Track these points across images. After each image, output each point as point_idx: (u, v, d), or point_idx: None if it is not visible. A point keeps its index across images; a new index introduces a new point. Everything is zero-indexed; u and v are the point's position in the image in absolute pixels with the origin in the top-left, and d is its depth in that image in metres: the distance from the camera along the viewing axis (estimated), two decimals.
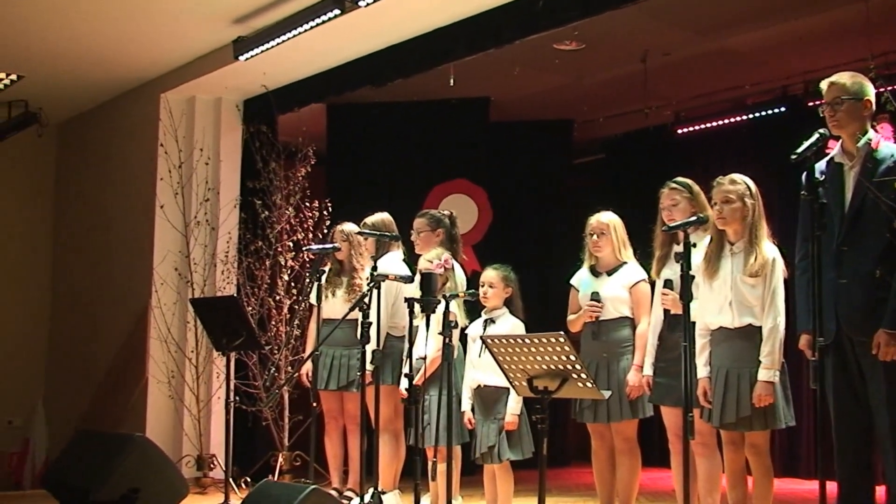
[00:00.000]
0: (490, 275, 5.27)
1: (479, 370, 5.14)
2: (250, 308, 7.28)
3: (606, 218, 5.15)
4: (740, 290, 4.37)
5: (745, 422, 4.34)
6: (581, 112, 8.66)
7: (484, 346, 4.86)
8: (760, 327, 4.33)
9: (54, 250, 9.30)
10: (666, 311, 4.72)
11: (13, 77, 7.83)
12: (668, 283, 4.68)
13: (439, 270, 5.21)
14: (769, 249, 4.39)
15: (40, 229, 9.26)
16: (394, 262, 5.77)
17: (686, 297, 3.85)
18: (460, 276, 5.47)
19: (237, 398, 7.05)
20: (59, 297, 9.20)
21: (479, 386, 5.17)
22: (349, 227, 6.08)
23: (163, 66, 7.68)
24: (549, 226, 8.66)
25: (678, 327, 4.52)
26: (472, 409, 5.20)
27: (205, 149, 7.78)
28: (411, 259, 5.83)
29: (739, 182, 4.46)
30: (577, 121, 8.89)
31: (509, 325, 5.18)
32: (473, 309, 5.37)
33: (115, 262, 8.33)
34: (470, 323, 5.35)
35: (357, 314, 4.97)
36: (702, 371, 4.42)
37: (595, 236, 5.12)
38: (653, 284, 4.92)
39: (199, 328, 7.32)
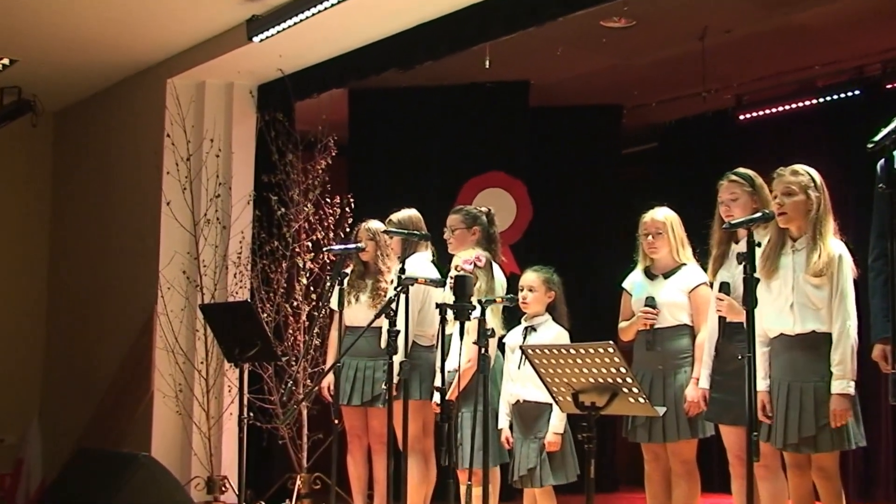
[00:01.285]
0: (530, 278, 5.27)
1: (519, 384, 5.14)
2: (265, 315, 7.32)
3: (662, 215, 5.14)
4: (803, 292, 4.32)
5: (809, 442, 4.29)
6: (631, 96, 8.63)
7: (524, 357, 4.85)
8: (826, 334, 4.28)
9: (51, 252, 9.39)
10: (721, 319, 4.69)
11: (5, 61, 7.89)
12: (724, 287, 4.66)
13: (469, 267, 5.20)
14: (835, 246, 4.34)
15: (35, 229, 9.34)
16: (422, 263, 5.76)
17: (750, 302, 3.81)
18: (499, 279, 5.46)
19: (251, 414, 7.07)
20: (56, 302, 9.29)
21: (518, 401, 5.17)
22: (375, 224, 6.09)
23: (169, 49, 7.73)
24: (597, 223, 8.64)
25: (735, 336, 4.49)
26: (511, 427, 5.21)
27: (215, 139, 7.82)
28: (440, 261, 5.83)
29: (802, 173, 4.42)
30: (626, 106, 8.86)
31: (552, 333, 5.18)
32: (512, 316, 5.37)
33: (117, 265, 8.39)
34: (508, 331, 5.35)
35: (382, 321, 4.96)
36: (760, 384, 4.38)
37: (650, 236, 5.10)
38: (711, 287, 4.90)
39: (210, 337, 7.36)
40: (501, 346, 5.39)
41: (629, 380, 3.75)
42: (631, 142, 9.30)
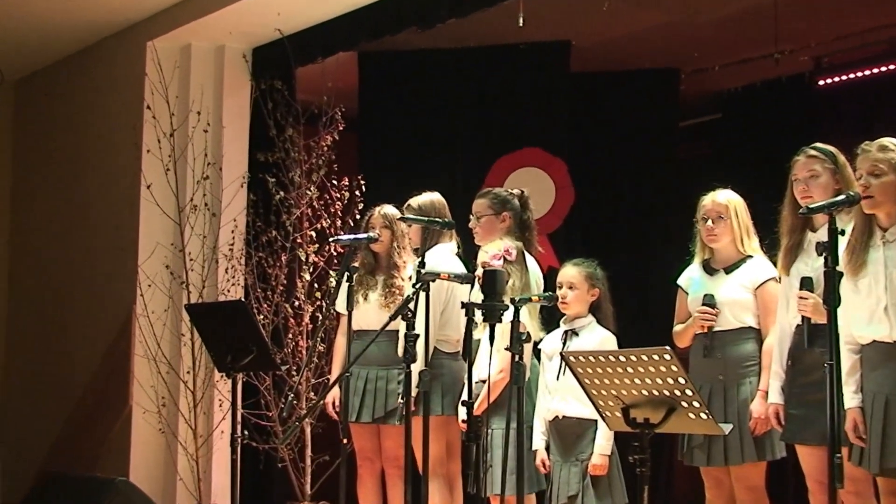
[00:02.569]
0: (571, 273, 5.26)
1: (558, 397, 5.14)
2: (262, 316, 7.34)
3: (724, 198, 5.12)
4: None
5: None
6: (690, 59, 8.60)
7: (564, 365, 4.84)
8: None
9: (12, 243, 9.45)
10: (805, 321, 4.65)
11: None
12: (806, 283, 4.61)
13: (498, 263, 5.19)
14: None
15: None
16: (445, 256, 5.75)
17: (832, 300, 3.79)
18: (534, 274, 5.46)
19: (246, 433, 7.09)
20: (16, 302, 9.34)
21: (556, 417, 5.17)
22: (391, 210, 6.09)
23: (149, 6, 7.75)
24: (649, 208, 8.61)
25: (820, 341, 4.45)
26: (548, 448, 5.21)
27: (203, 112, 7.83)
28: (466, 253, 5.83)
29: (893, 148, 4.34)
30: (684, 71, 8.83)
31: (597, 338, 5.17)
32: (550, 318, 5.37)
33: (89, 258, 8.44)
34: (545, 335, 5.34)
35: (399, 324, 4.97)
36: (851, 399, 4.32)
37: (710, 221, 5.09)
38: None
39: (197, 342, 7.38)
40: (538, 353, 5.39)
41: (689, 392, 3.73)
42: (690, 113, 9.26)
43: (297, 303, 7.48)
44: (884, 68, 8.12)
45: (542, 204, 8.02)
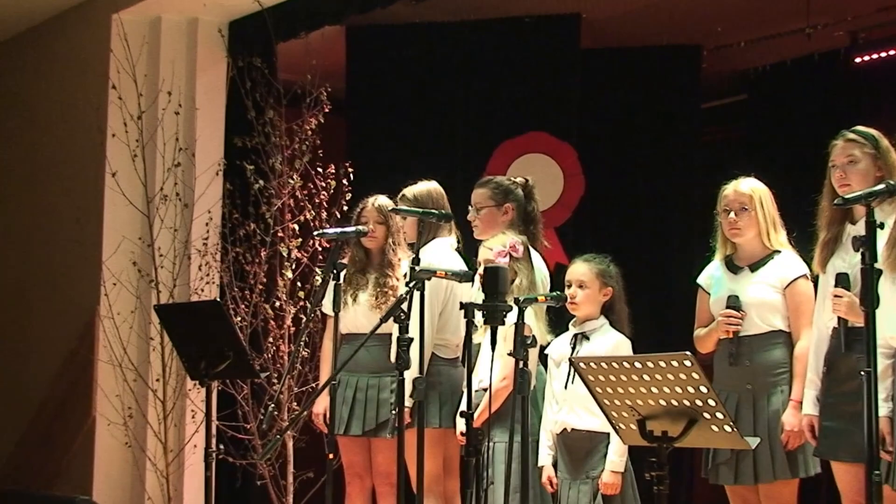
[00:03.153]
0: (581, 270, 5.26)
1: (566, 408, 5.14)
2: (239, 318, 7.34)
3: (748, 187, 5.11)
4: None
5: None
6: (713, 34, 8.60)
7: (573, 372, 4.83)
8: None
9: None
10: (842, 322, 4.64)
11: None
12: (842, 280, 4.60)
13: (503, 260, 5.18)
14: None
15: None
16: (442, 251, 5.75)
17: (870, 301, 3.79)
18: (540, 272, 5.45)
19: (221, 447, 7.05)
20: None
21: (564, 430, 5.17)
22: (385, 202, 6.07)
23: None
24: (667, 199, 8.62)
25: (857, 346, 4.44)
26: (555, 464, 5.21)
27: (174, 92, 7.82)
28: (467, 249, 5.82)
29: None
30: (707, 47, 8.83)
31: (610, 342, 5.17)
32: (558, 319, 5.36)
33: (48, 254, 8.43)
34: (553, 339, 5.33)
35: (391, 327, 4.95)
36: (882, 407, 4.33)
37: (732, 214, 5.08)
38: (815, 282, 4.87)
39: (168, 347, 7.38)
40: (544, 359, 5.38)
41: (712, 402, 3.72)
42: (712, 93, 9.27)
43: (278, 303, 7.47)
44: None
45: (550, 194, 8.02)
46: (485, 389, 5.18)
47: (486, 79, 8.37)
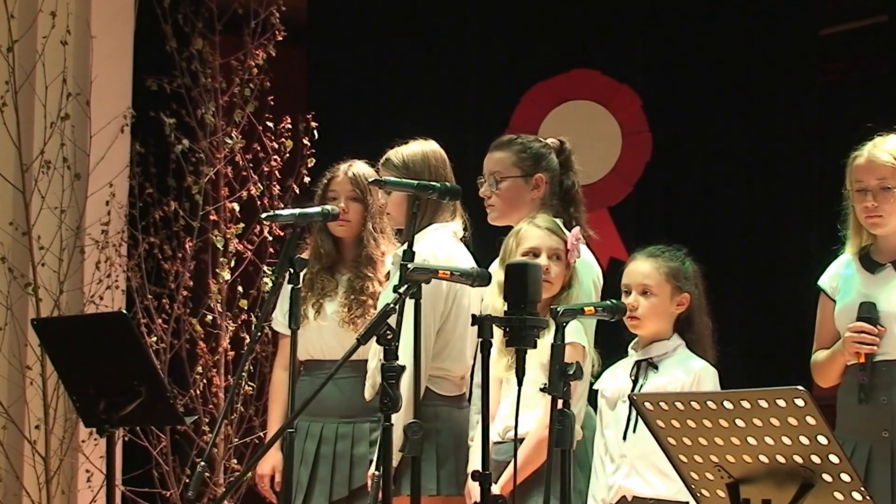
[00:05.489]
0: (644, 270, 5.29)
1: (625, 466, 5.16)
2: (155, 338, 7.39)
3: (890, 153, 5.10)
4: None
5: None
6: None
7: (635, 414, 4.87)
8: None
9: None
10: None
11: None
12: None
13: (584, 249, 5.20)
14: None
15: None
16: (444, 242, 5.76)
17: None
18: (590, 270, 5.49)
19: None
20: None
21: (623, 498, 5.19)
22: (361, 168, 6.09)
23: None
24: (771, 168, 8.61)
25: None
26: None
27: (61, 13, 7.84)
28: (479, 239, 5.84)
29: None
30: None
31: (688, 372, 5.19)
32: (615, 340, 5.39)
33: None
34: (605, 369, 5.36)
35: (372, 350, 4.99)
36: None
37: (869, 194, 5.09)
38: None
39: (52, 380, 7.40)
40: (593, 397, 5.40)
41: (835, 457, 3.75)
42: (837, 15, 9.27)
43: (210, 317, 7.51)
44: None
45: (601, 161, 8.04)
46: (505, 441, 5.22)
47: None
